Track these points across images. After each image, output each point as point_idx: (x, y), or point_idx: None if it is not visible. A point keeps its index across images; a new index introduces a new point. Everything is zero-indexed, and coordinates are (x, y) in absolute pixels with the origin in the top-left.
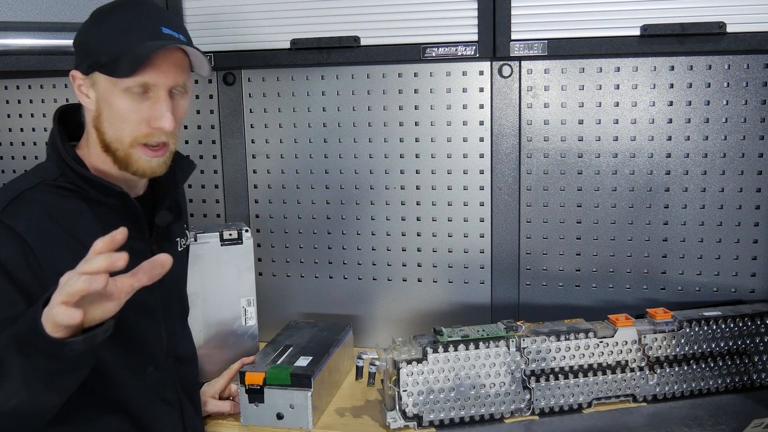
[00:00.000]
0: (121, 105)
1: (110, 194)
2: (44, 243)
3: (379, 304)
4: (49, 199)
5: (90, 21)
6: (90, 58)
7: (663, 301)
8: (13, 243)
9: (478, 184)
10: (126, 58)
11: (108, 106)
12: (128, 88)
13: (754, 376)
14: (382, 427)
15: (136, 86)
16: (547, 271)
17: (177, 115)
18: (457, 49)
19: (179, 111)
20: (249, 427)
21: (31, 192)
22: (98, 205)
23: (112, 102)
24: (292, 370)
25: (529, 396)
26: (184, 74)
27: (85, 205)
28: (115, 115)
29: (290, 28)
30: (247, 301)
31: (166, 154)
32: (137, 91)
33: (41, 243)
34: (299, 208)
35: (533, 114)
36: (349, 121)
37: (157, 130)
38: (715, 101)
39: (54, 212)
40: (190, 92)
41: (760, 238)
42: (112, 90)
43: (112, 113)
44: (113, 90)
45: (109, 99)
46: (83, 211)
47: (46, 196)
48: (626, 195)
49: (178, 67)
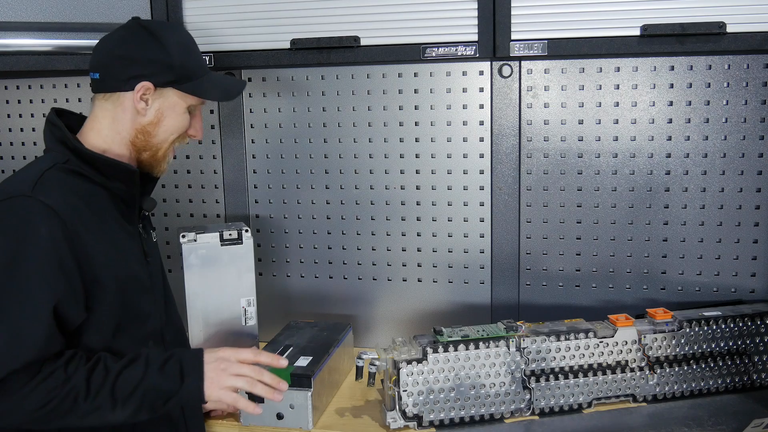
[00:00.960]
0: (181, 119)
1: (116, 176)
2: (74, 217)
3: (379, 304)
4: (66, 178)
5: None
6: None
7: (663, 301)
8: (52, 218)
9: (478, 184)
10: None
11: (170, 117)
12: (192, 106)
13: (754, 376)
14: (382, 427)
15: (196, 105)
16: (547, 271)
17: None
18: (457, 49)
19: None
20: (249, 427)
21: (51, 172)
22: (102, 188)
23: (176, 114)
24: (292, 370)
25: (529, 396)
26: None
27: (95, 187)
28: (172, 126)
29: (290, 28)
30: (247, 301)
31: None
32: (194, 111)
33: (73, 218)
34: (299, 208)
35: (533, 114)
36: (349, 121)
37: (191, 137)
38: (715, 101)
39: (74, 189)
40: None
41: (760, 238)
42: (179, 105)
43: (170, 124)
44: (180, 106)
45: (174, 112)
46: (93, 192)
47: (63, 175)
48: (626, 195)
49: None
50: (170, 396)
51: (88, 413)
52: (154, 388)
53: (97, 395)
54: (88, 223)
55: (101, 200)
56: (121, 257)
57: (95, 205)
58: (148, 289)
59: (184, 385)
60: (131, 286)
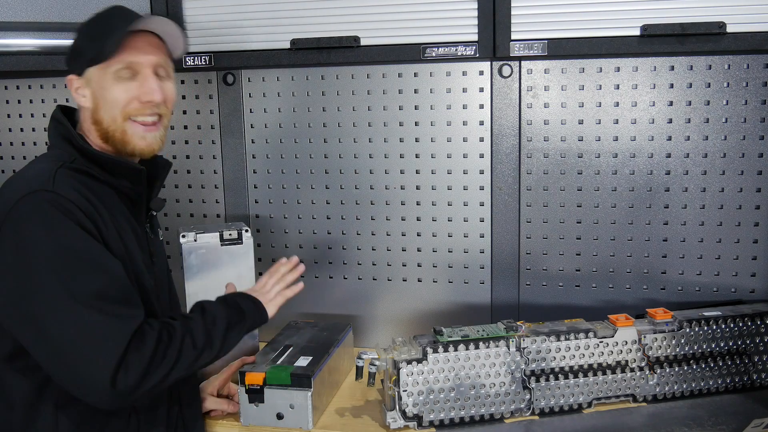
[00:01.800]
0: (114, 90)
1: (123, 174)
2: (95, 213)
3: (379, 304)
4: (77, 177)
5: (77, 32)
6: (81, 58)
7: (663, 301)
8: (76, 211)
9: (478, 184)
10: (110, 41)
11: (103, 95)
12: (117, 71)
13: (754, 376)
14: (382, 427)
15: (123, 68)
16: (547, 271)
17: (167, 94)
18: (457, 49)
19: (169, 91)
20: (249, 427)
21: (61, 170)
22: (108, 188)
23: (106, 89)
24: (292, 370)
25: (529, 396)
26: (164, 56)
27: (100, 186)
28: (110, 101)
29: (290, 28)
30: None
31: (160, 130)
32: (126, 75)
33: (93, 213)
34: (299, 208)
35: (533, 114)
36: (349, 121)
37: (148, 105)
38: (715, 101)
39: (87, 187)
40: (174, 78)
41: (760, 238)
42: (104, 78)
43: (107, 100)
44: (105, 78)
45: (104, 87)
46: (105, 191)
47: (74, 174)
48: (626, 195)
49: (157, 47)
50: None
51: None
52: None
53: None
54: (104, 219)
55: (110, 198)
56: (129, 256)
57: (109, 204)
58: (151, 290)
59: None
60: (137, 285)
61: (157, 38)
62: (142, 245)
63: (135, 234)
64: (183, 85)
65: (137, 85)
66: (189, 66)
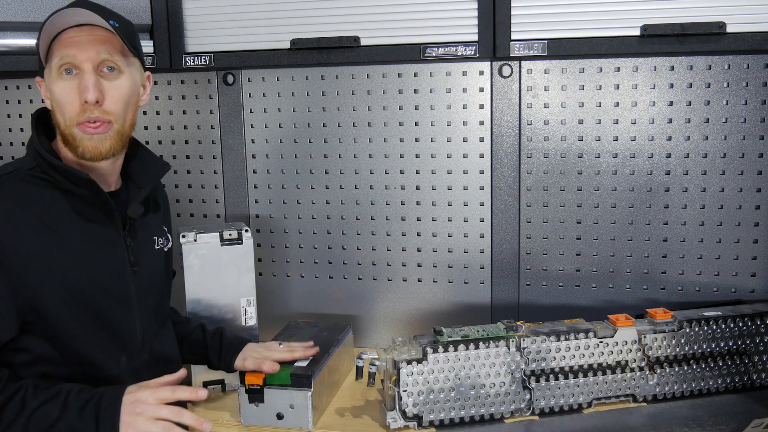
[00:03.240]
0: (57, 89)
1: (79, 182)
2: (11, 228)
3: (379, 304)
4: (21, 186)
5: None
6: (38, 62)
7: (663, 301)
8: None
9: (478, 184)
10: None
11: (52, 95)
12: (59, 70)
13: (754, 376)
14: (382, 427)
15: (63, 66)
16: (547, 271)
17: (112, 94)
18: (457, 49)
19: (114, 90)
20: (249, 427)
21: (3, 179)
22: (71, 195)
23: (53, 89)
24: (292, 370)
25: (529, 396)
26: (109, 49)
27: (60, 194)
28: (57, 101)
29: (290, 28)
30: (247, 301)
31: (108, 132)
32: (68, 74)
33: (7, 227)
34: (299, 208)
35: (533, 114)
36: (349, 121)
37: (87, 106)
38: (715, 101)
39: (24, 198)
40: (131, 75)
41: (760, 238)
42: (51, 79)
43: (54, 100)
44: (51, 79)
45: (51, 88)
46: (57, 199)
47: (17, 184)
48: (626, 195)
49: (99, 41)
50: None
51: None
52: (73, 430)
53: (8, 428)
54: (30, 236)
55: (63, 209)
56: (79, 269)
57: (53, 215)
58: (127, 301)
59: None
60: (94, 297)
61: (104, 30)
62: (116, 254)
63: (104, 242)
64: (183, 85)
65: (77, 84)
66: (189, 66)
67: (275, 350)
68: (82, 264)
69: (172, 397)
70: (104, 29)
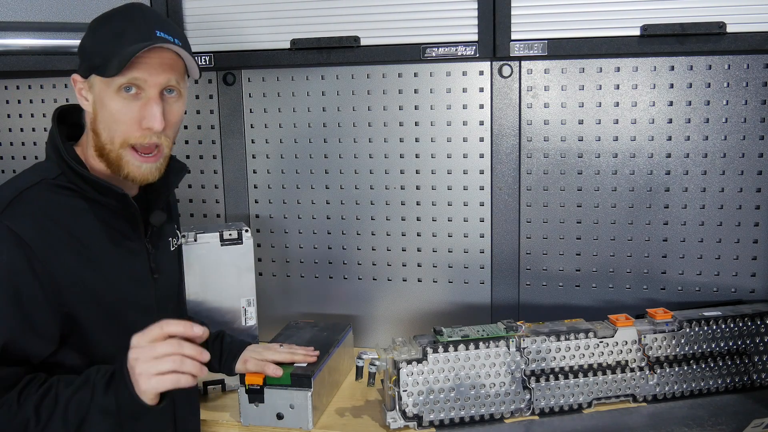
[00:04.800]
0: (113, 105)
1: (109, 194)
2: (46, 243)
3: (379, 304)
4: (50, 197)
5: (90, 27)
6: (87, 62)
7: (663, 301)
8: (16, 245)
9: (478, 184)
10: (115, 59)
11: (102, 107)
12: (120, 87)
13: (754, 376)
14: (382, 427)
15: (127, 85)
16: (547, 271)
17: (170, 119)
18: (457, 49)
19: (173, 115)
20: (249, 427)
21: (31, 191)
22: (97, 204)
23: (106, 103)
24: (292, 370)
25: (529, 396)
26: (176, 75)
27: (86, 204)
28: (108, 116)
29: (290, 28)
30: (247, 301)
31: (159, 160)
32: (129, 92)
33: (43, 243)
34: (299, 208)
35: (533, 114)
36: (349, 121)
37: (147, 131)
38: (715, 101)
39: (54, 211)
40: (185, 97)
41: (760, 238)
42: (106, 91)
43: (105, 114)
44: (107, 91)
45: (104, 100)
46: (84, 210)
47: (46, 195)
48: (626, 195)
49: (169, 67)
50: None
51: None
52: (101, 411)
53: (48, 424)
54: (63, 251)
55: (90, 220)
56: (108, 282)
57: (81, 227)
58: (149, 309)
59: (119, 397)
60: (123, 310)
61: (173, 54)
62: (139, 264)
63: (128, 252)
64: None
65: (139, 107)
66: None
67: (276, 351)
68: (110, 276)
69: (162, 332)
70: (173, 53)
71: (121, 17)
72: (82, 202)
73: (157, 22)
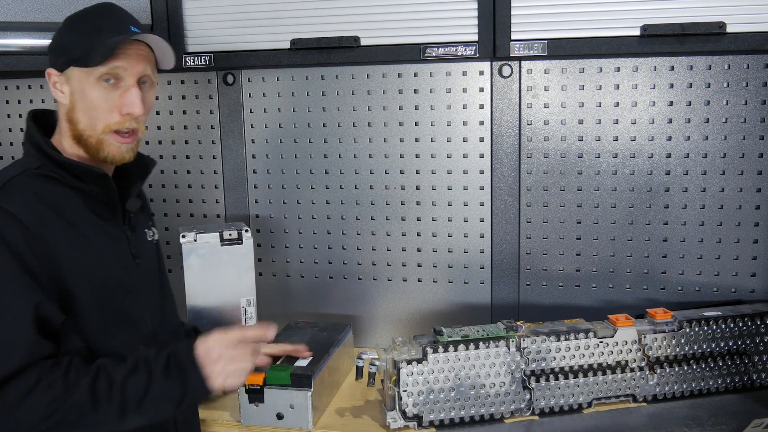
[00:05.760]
0: (94, 94)
1: (90, 179)
2: (41, 223)
3: (379, 304)
4: (36, 184)
5: (64, 26)
6: (65, 56)
7: (663, 301)
8: (14, 225)
9: (478, 184)
10: (98, 50)
11: (82, 97)
12: (101, 76)
13: (754, 376)
14: (382, 427)
15: (107, 75)
16: (547, 271)
17: (147, 105)
18: (457, 49)
19: (147, 102)
20: (249, 427)
21: (19, 178)
22: (79, 191)
23: (86, 92)
24: (292, 370)
25: (529, 396)
26: (150, 65)
27: (70, 192)
28: (89, 105)
29: (290, 28)
30: (247, 301)
31: (134, 142)
32: (108, 81)
33: (37, 224)
34: (299, 208)
35: (533, 114)
36: (349, 121)
37: (127, 117)
38: (715, 101)
39: (44, 196)
40: (156, 86)
41: (760, 238)
42: (87, 81)
43: (85, 103)
44: (87, 81)
45: (84, 90)
46: (69, 196)
47: (32, 182)
48: (626, 195)
49: (144, 58)
50: (180, 400)
51: (97, 425)
52: (162, 395)
53: (106, 406)
54: (56, 231)
55: (76, 204)
56: (97, 263)
57: (68, 211)
58: (134, 292)
59: (189, 387)
60: (112, 291)
61: (146, 46)
62: (120, 248)
63: (110, 237)
64: (183, 85)
65: (119, 95)
66: (189, 66)
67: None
68: (100, 258)
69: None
70: (146, 45)
71: (97, 14)
72: (67, 189)
73: (129, 19)
